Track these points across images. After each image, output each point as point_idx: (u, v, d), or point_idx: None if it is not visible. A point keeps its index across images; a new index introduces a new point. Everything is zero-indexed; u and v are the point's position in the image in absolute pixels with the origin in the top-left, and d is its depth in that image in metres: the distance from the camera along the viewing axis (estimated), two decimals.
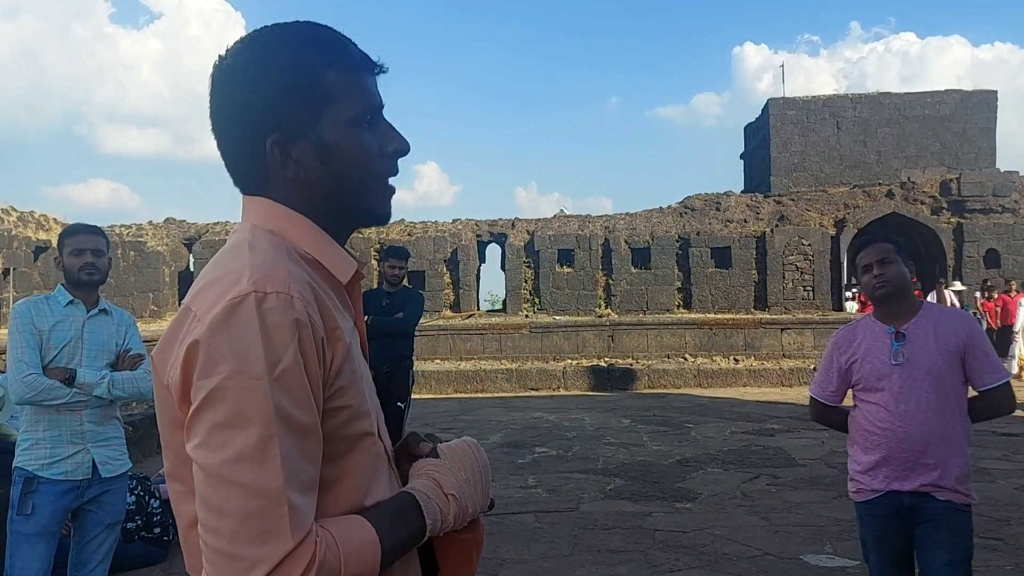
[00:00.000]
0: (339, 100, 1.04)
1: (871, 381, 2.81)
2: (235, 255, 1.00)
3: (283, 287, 0.93)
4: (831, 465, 7.30)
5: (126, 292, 19.00)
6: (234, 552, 0.87)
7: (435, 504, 1.05)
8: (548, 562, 4.72)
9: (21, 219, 17.94)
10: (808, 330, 15.51)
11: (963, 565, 2.72)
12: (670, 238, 18.49)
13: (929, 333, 2.76)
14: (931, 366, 2.72)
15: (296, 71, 1.02)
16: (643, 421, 10.18)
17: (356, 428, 1.01)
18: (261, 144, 1.03)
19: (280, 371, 0.90)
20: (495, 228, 19.46)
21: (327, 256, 1.06)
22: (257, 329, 0.90)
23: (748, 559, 4.72)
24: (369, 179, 1.07)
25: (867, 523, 2.92)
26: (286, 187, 1.05)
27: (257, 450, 0.88)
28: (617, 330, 16.04)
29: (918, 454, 2.71)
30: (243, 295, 0.91)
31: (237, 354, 0.89)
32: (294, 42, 1.04)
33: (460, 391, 13.95)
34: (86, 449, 3.16)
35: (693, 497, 6.21)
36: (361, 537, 0.95)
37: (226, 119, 1.06)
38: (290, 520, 0.88)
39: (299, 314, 0.92)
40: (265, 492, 0.88)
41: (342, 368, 0.98)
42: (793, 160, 22.02)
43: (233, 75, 1.04)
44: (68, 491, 3.14)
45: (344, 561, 0.92)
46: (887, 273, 2.80)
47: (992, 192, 18.09)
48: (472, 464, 1.12)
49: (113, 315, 3.35)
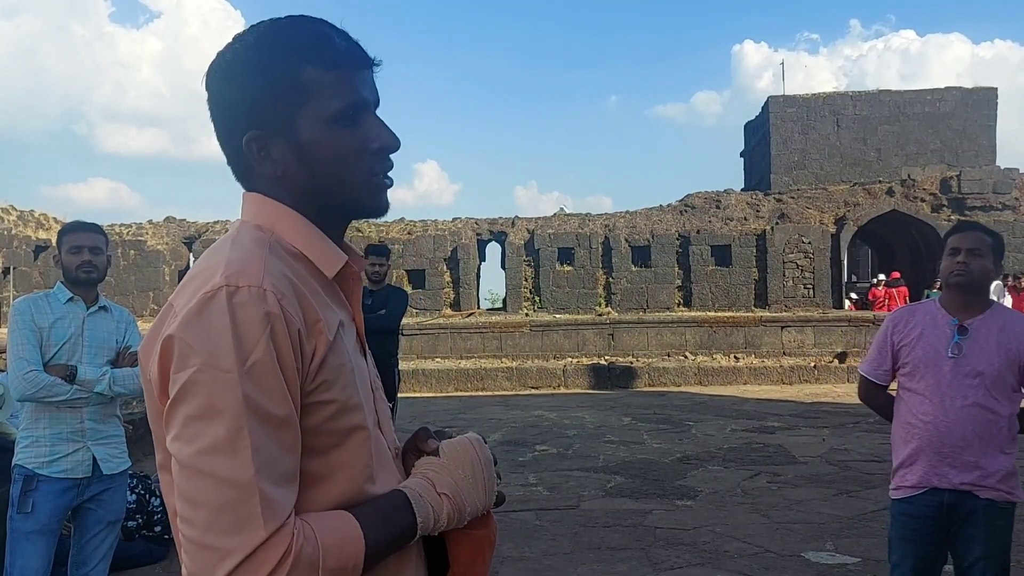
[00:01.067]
0: (317, 97, 1.03)
1: (919, 368, 2.73)
2: (218, 251, 1.01)
3: (255, 280, 0.94)
4: (832, 463, 7.31)
5: (126, 291, 19.00)
6: (207, 542, 0.88)
7: (427, 503, 1.05)
8: (549, 560, 4.72)
9: (21, 218, 17.94)
10: (808, 328, 15.50)
11: (998, 559, 2.67)
12: (670, 236, 18.49)
13: (993, 333, 2.67)
14: (987, 366, 2.63)
15: (273, 68, 1.02)
16: (643, 419, 10.18)
17: (345, 422, 1.00)
18: (237, 143, 1.05)
19: (251, 364, 0.90)
20: (495, 227, 19.46)
21: (313, 250, 1.06)
22: (228, 322, 0.91)
23: (749, 556, 4.72)
24: (348, 177, 1.06)
25: (898, 522, 2.82)
26: (271, 184, 1.07)
27: (228, 441, 0.89)
28: (617, 328, 16.04)
29: (957, 450, 2.64)
30: (215, 289, 0.92)
31: (208, 347, 0.90)
32: (275, 39, 1.04)
33: (460, 389, 13.95)
34: (86, 447, 3.15)
35: (694, 495, 6.21)
36: (343, 532, 0.95)
37: (215, 118, 1.07)
38: (263, 510, 0.88)
39: (271, 307, 0.93)
40: (236, 483, 0.88)
41: (325, 361, 0.98)
42: (793, 158, 22.03)
43: (218, 74, 1.05)
44: (68, 489, 3.13)
45: (323, 554, 0.91)
46: (971, 264, 2.69)
47: (992, 189, 18.10)
48: (473, 462, 1.11)
49: (113, 312, 3.34)
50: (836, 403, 11.52)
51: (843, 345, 15.16)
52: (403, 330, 15.64)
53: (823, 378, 13.99)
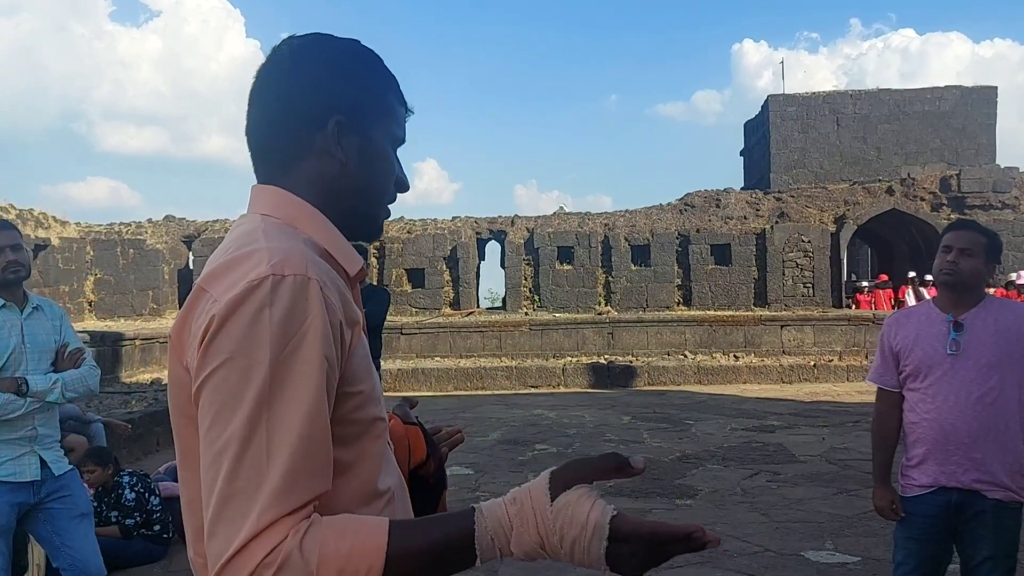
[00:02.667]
0: (390, 119, 1.14)
1: (921, 369, 2.72)
2: (250, 240, 1.00)
3: (300, 270, 0.95)
4: (831, 462, 7.31)
5: (125, 290, 18.99)
6: (214, 529, 0.88)
7: (495, 549, 0.92)
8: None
9: (20, 217, 17.92)
10: (808, 327, 15.49)
11: (1005, 561, 2.66)
12: (670, 235, 18.49)
13: (989, 324, 2.67)
14: (987, 358, 2.63)
15: (373, 75, 1.13)
16: (643, 418, 10.18)
17: (369, 412, 1.04)
18: (320, 120, 1.07)
19: (290, 352, 0.91)
20: (495, 225, 19.45)
21: (336, 247, 1.08)
22: (268, 311, 0.91)
23: (749, 555, 4.72)
24: (383, 191, 1.15)
25: (904, 521, 2.81)
26: (315, 171, 1.09)
27: (247, 427, 0.88)
28: (617, 327, 16.04)
29: (965, 448, 2.62)
30: (262, 278, 0.93)
31: (246, 334, 0.91)
32: (371, 56, 1.15)
33: (460, 388, 13.95)
34: (32, 451, 3.12)
35: (693, 493, 6.22)
36: (359, 540, 0.88)
37: (285, 93, 1.08)
38: (266, 501, 0.86)
39: (315, 297, 0.94)
40: (249, 469, 0.88)
41: (356, 352, 1.01)
42: (793, 157, 22.01)
43: (310, 54, 1.09)
44: (21, 488, 3.11)
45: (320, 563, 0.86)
46: (960, 264, 2.68)
47: (992, 188, 18.09)
48: (574, 543, 0.91)
49: (46, 310, 3.24)
50: (836, 402, 11.52)
51: (842, 344, 15.17)
52: (403, 329, 15.75)
53: (823, 377, 13.99)
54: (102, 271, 19.20)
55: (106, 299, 19.06)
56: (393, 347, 15.19)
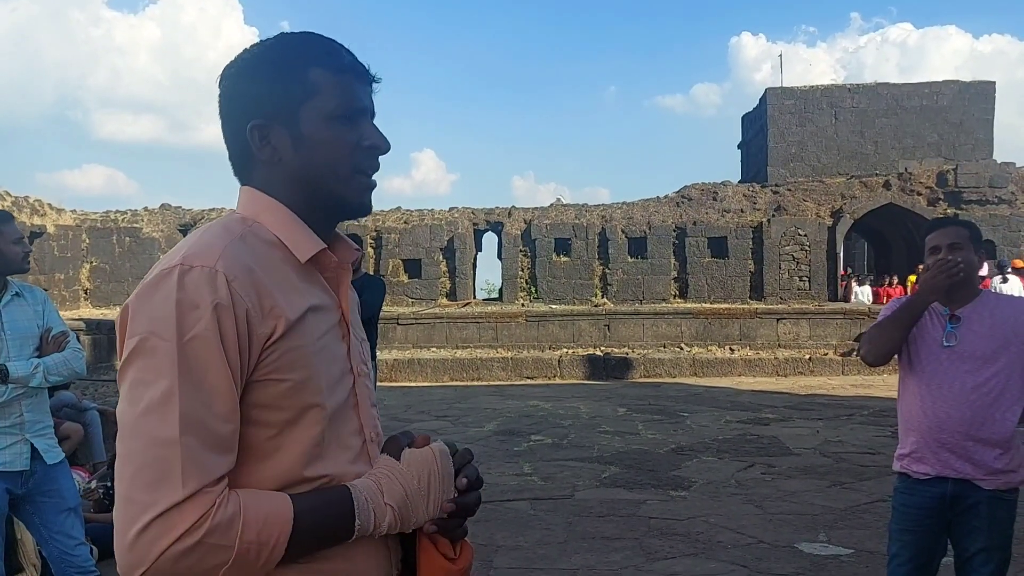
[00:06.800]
0: (320, 95, 1.13)
1: (918, 361, 2.75)
2: (191, 237, 1.10)
3: (209, 262, 1.02)
4: (826, 454, 7.34)
5: (121, 278, 18.95)
6: (130, 495, 0.95)
7: (370, 508, 1.08)
8: (543, 549, 4.73)
9: (16, 204, 17.84)
10: (804, 320, 15.52)
11: (999, 552, 2.68)
12: (667, 228, 18.49)
13: (985, 317, 2.70)
14: (982, 351, 2.66)
15: (282, 66, 1.13)
16: (638, 410, 10.20)
17: (299, 400, 1.06)
18: (243, 130, 1.14)
19: (191, 336, 0.98)
20: (492, 217, 19.43)
21: (289, 236, 1.12)
22: (174, 296, 0.99)
23: (742, 547, 4.74)
24: (338, 169, 1.14)
25: (898, 513, 2.83)
26: (265, 172, 1.15)
27: (159, 403, 0.96)
28: (613, 319, 16.05)
29: (959, 437, 2.65)
30: (172, 267, 1.02)
31: (154, 317, 0.99)
32: (288, 43, 1.16)
33: (456, 379, 13.97)
34: (24, 439, 3.11)
35: (688, 485, 6.23)
36: (273, 509, 1.00)
37: (223, 112, 1.17)
38: (183, 471, 0.94)
39: (219, 287, 1.01)
40: (161, 442, 0.95)
41: (281, 342, 1.05)
42: (790, 150, 22.00)
43: (231, 71, 1.16)
44: (10, 476, 3.10)
45: (243, 526, 0.96)
46: (959, 258, 2.70)
47: (989, 183, 18.10)
48: (431, 475, 1.13)
49: (27, 296, 3.23)
50: (831, 395, 11.56)
51: (838, 338, 15.20)
52: (399, 320, 15.75)
53: (818, 370, 14.03)
54: (98, 259, 19.16)
55: (102, 287, 19.03)
56: (389, 337, 15.20)
